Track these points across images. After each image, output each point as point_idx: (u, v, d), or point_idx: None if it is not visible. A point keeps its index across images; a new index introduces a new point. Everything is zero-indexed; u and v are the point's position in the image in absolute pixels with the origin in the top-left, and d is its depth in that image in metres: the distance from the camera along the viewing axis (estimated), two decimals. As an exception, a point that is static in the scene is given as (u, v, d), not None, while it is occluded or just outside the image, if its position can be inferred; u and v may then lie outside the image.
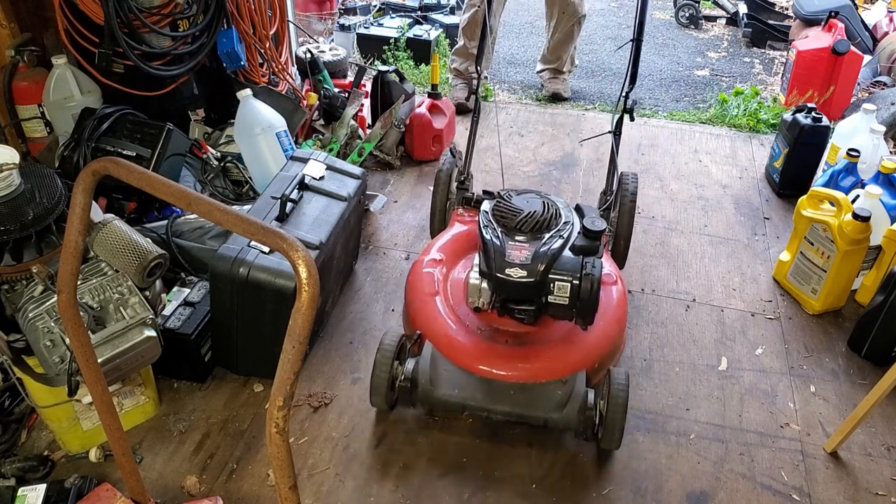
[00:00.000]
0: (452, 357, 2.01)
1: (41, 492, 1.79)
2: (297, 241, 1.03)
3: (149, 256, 1.88)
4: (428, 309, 2.14)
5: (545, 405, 1.94)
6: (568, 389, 1.95)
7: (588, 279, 1.84)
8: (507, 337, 2.08)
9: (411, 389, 1.99)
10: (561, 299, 1.88)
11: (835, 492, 1.98)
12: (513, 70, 4.54)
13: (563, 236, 1.91)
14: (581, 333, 2.04)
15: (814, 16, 4.18)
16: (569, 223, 1.97)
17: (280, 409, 1.06)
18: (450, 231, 2.44)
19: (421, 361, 2.01)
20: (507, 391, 1.96)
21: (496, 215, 1.97)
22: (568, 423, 1.94)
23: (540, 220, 1.92)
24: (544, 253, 1.86)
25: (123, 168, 1.21)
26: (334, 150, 3.14)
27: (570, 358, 2.01)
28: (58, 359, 1.75)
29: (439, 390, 1.97)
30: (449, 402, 1.97)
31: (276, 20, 3.25)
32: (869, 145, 2.80)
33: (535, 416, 1.96)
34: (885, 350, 2.33)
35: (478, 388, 1.97)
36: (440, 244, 2.37)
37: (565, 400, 1.93)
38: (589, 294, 1.85)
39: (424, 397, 1.99)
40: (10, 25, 2.68)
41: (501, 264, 1.86)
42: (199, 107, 3.07)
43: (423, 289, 2.20)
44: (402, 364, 2.02)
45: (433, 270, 2.25)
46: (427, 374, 1.98)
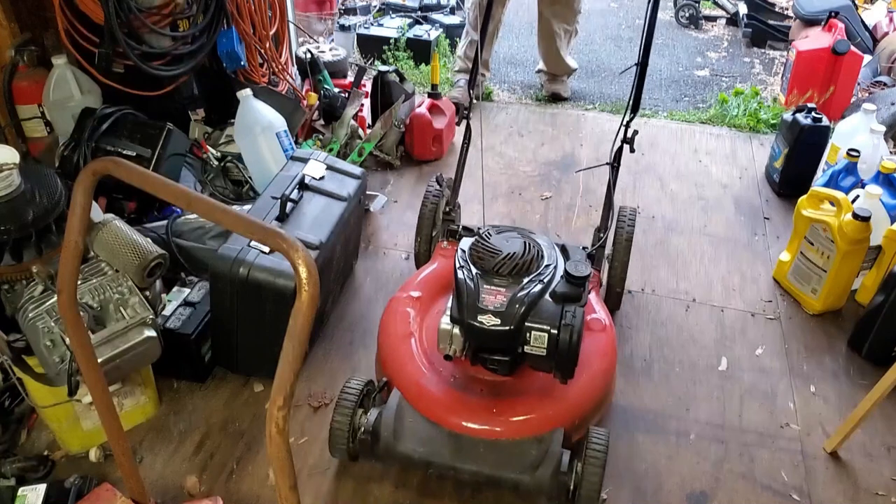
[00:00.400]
0: (420, 407, 1.86)
1: (41, 492, 1.79)
2: (297, 241, 1.03)
3: (149, 256, 1.88)
4: (398, 353, 2.00)
5: (517, 465, 1.78)
6: (543, 449, 1.78)
7: (567, 329, 1.70)
8: (481, 386, 1.92)
9: (372, 443, 1.82)
10: (538, 350, 1.73)
11: (835, 492, 1.98)
12: (513, 70, 4.54)
13: (544, 281, 1.77)
14: (562, 387, 1.86)
15: (814, 16, 4.18)
16: (551, 266, 1.82)
17: (280, 409, 1.06)
18: (430, 266, 2.31)
19: (385, 411, 1.85)
20: (477, 448, 1.80)
21: (473, 255, 1.83)
22: (540, 487, 1.76)
23: (519, 262, 1.79)
24: (521, 299, 1.72)
25: (123, 168, 1.21)
26: (334, 150, 3.14)
27: (548, 413, 1.85)
28: (58, 359, 1.75)
29: (403, 445, 1.81)
30: (412, 458, 1.81)
31: (276, 20, 3.25)
32: (869, 145, 2.80)
33: (505, 478, 1.79)
34: (885, 350, 2.33)
35: (445, 443, 1.81)
36: (419, 280, 2.24)
37: (539, 461, 1.77)
38: (567, 346, 1.70)
39: (386, 451, 1.82)
40: (10, 25, 2.68)
41: (474, 310, 1.73)
42: (199, 107, 3.07)
43: (397, 330, 2.06)
44: (367, 413, 1.87)
45: (409, 309, 2.12)
46: (391, 426, 1.82)
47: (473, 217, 2.98)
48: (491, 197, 3.18)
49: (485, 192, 3.17)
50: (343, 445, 1.85)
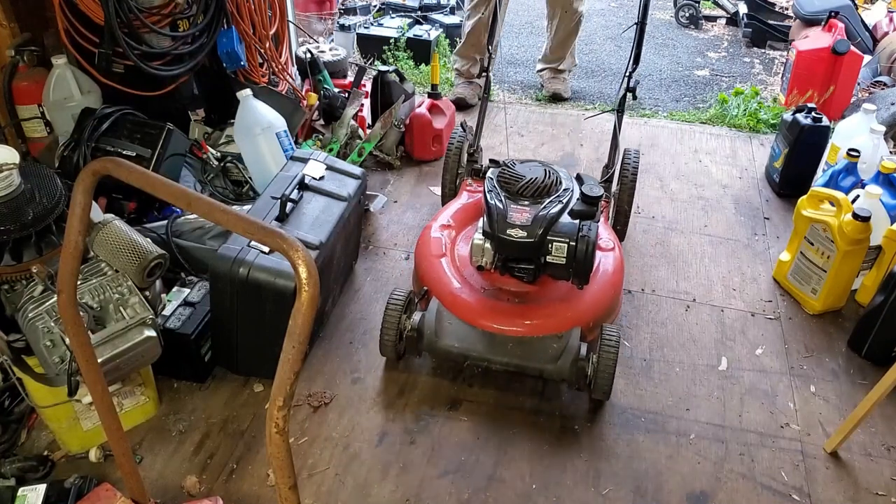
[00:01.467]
0: (457, 312, 2.15)
1: (41, 492, 1.79)
2: (297, 241, 1.03)
3: (149, 256, 1.88)
4: (435, 269, 2.29)
5: (541, 357, 2.07)
6: (563, 344, 2.08)
7: (584, 241, 1.97)
8: (508, 296, 2.22)
9: (417, 339, 2.14)
10: (558, 259, 2.01)
11: (835, 492, 1.98)
12: (513, 70, 4.54)
13: (563, 202, 2.05)
14: (577, 294, 2.18)
15: (814, 16, 4.18)
16: (568, 190, 2.10)
17: (280, 409, 1.06)
18: (459, 200, 2.61)
19: (427, 315, 2.15)
20: (507, 344, 2.10)
21: (500, 181, 2.11)
22: (561, 374, 2.06)
23: (541, 185, 2.06)
24: (543, 216, 2.00)
25: (123, 168, 1.21)
26: (334, 150, 3.14)
27: (566, 315, 2.14)
28: (58, 359, 1.75)
29: (443, 341, 2.11)
30: (451, 352, 2.11)
31: (276, 20, 3.25)
32: (869, 145, 2.80)
33: (531, 367, 2.08)
34: (885, 350, 2.33)
35: (479, 340, 2.11)
36: (450, 211, 2.54)
37: (560, 353, 2.06)
38: (584, 255, 1.98)
39: (429, 347, 2.13)
40: (10, 25, 2.68)
41: (503, 226, 1.99)
42: (199, 107, 3.07)
43: (432, 251, 2.35)
44: (409, 317, 2.17)
45: (441, 235, 2.41)
46: (432, 326, 2.12)
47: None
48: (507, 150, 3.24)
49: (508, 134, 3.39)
50: (391, 343, 2.16)
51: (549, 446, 2.07)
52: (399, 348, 2.19)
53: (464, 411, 2.17)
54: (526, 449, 2.06)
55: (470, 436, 2.10)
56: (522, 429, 2.12)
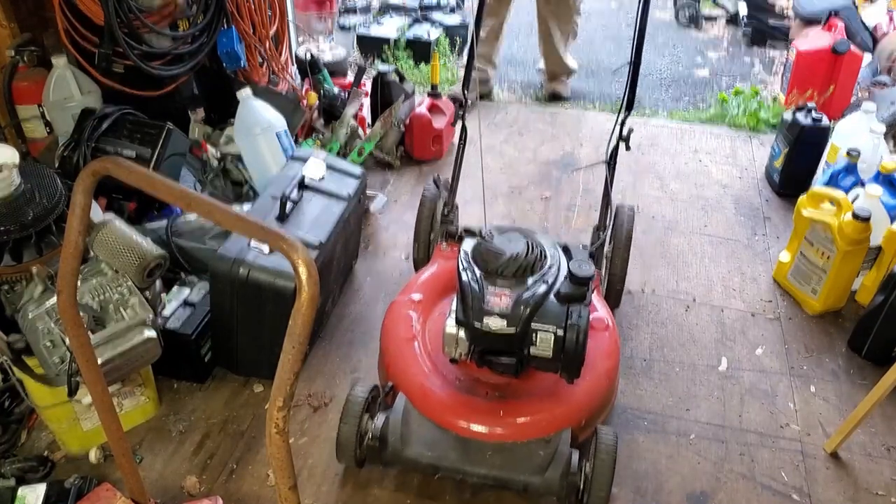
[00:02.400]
0: (426, 411, 1.86)
1: (41, 492, 1.79)
2: (297, 241, 1.03)
3: (149, 256, 1.88)
4: (403, 356, 2.00)
5: (525, 467, 1.79)
6: (551, 450, 1.79)
7: (573, 330, 1.70)
8: (486, 388, 1.92)
9: (380, 448, 1.84)
10: (544, 352, 1.74)
11: (835, 492, 1.98)
12: (513, 70, 4.54)
13: (548, 281, 1.77)
14: (567, 386, 1.87)
15: (814, 16, 4.18)
16: (554, 266, 1.81)
17: (280, 409, 1.06)
18: (430, 268, 2.31)
19: (392, 417, 1.86)
20: (485, 451, 1.81)
21: (476, 257, 1.82)
22: (550, 489, 1.78)
23: (523, 263, 1.77)
24: (526, 300, 1.71)
25: (123, 168, 1.21)
26: (334, 149, 3.14)
27: (555, 414, 1.85)
28: (58, 359, 1.75)
29: (410, 449, 1.82)
30: (420, 462, 1.83)
31: (276, 20, 3.25)
32: (869, 145, 2.80)
33: (514, 480, 1.80)
34: (885, 350, 2.33)
35: (452, 447, 1.82)
36: (419, 283, 2.23)
37: (547, 462, 1.78)
38: (574, 346, 1.71)
39: (394, 457, 1.83)
40: (10, 25, 2.68)
41: (479, 312, 1.72)
42: (199, 107, 3.07)
43: (400, 333, 2.05)
44: (373, 418, 1.87)
45: (412, 313, 2.11)
46: (398, 431, 1.83)
47: (473, 218, 2.98)
48: (491, 196, 3.18)
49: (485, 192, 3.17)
50: (351, 452, 1.85)
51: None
52: (359, 456, 1.87)
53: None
54: (526, 449, 2.05)
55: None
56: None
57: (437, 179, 2.53)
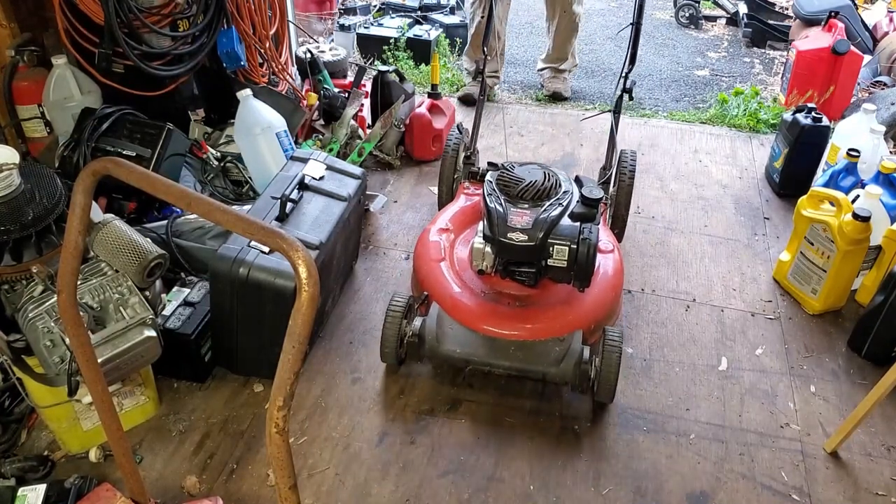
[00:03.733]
0: (457, 317, 2.14)
1: (41, 492, 1.79)
2: (297, 241, 1.03)
3: (149, 256, 1.88)
4: (434, 273, 2.27)
5: (543, 361, 2.06)
6: (565, 347, 2.07)
7: (585, 244, 1.97)
8: (509, 299, 2.21)
9: (419, 345, 2.13)
10: (559, 262, 2.01)
11: (835, 492, 1.98)
12: (513, 70, 4.54)
13: (563, 204, 2.04)
14: (578, 296, 2.17)
15: (814, 16, 4.18)
16: (568, 192, 2.09)
17: (280, 409, 1.06)
18: (456, 203, 2.59)
19: (428, 320, 2.14)
20: (508, 348, 2.09)
21: (500, 184, 2.09)
22: (564, 377, 2.06)
23: (540, 188, 2.05)
24: (544, 219, 1.99)
25: (123, 168, 1.21)
26: (334, 150, 3.14)
27: (567, 318, 2.14)
28: (58, 359, 1.75)
29: (444, 346, 2.10)
30: (453, 357, 2.10)
31: (276, 20, 3.25)
32: (869, 145, 2.80)
33: (534, 371, 2.07)
34: (885, 350, 2.33)
35: (481, 345, 2.10)
36: (447, 215, 2.52)
37: (562, 356, 2.06)
38: (585, 258, 1.97)
39: (431, 352, 2.11)
40: (10, 25, 2.68)
41: (504, 229, 1.98)
42: (199, 107, 3.07)
43: (430, 255, 2.34)
44: (410, 323, 2.16)
45: (440, 238, 2.40)
46: (433, 332, 2.11)
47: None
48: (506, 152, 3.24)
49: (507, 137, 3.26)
50: (392, 349, 2.14)
51: (549, 447, 2.07)
52: (400, 354, 2.18)
53: (463, 412, 2.17)
54: (525, 449, 2.06)
55: (470, 436, 2.10)
56: (522, 429, 2.12)
57: (460, 126, 2.81)
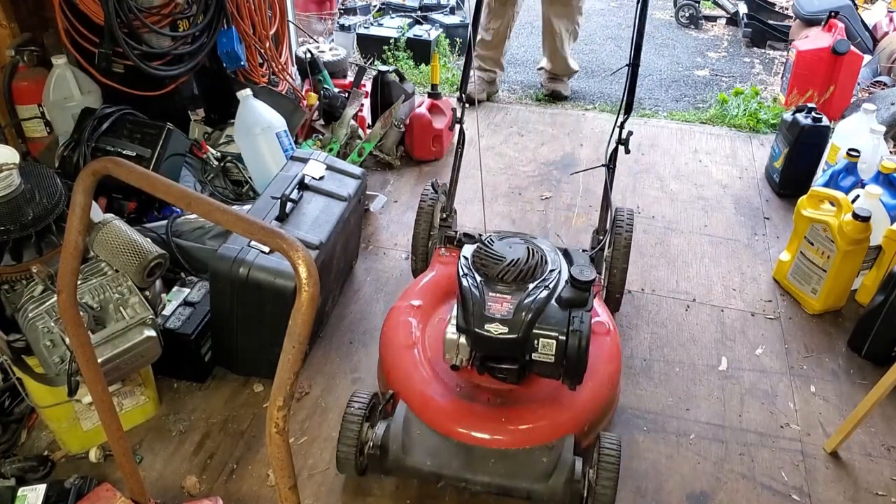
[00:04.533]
0: (427, 418, 1.83)
1: (41, 492, 1.78)
2: (297, 241, 1.03)
3: (149, 256, 1.88)
4: (403, 363, 1.97)
5: (529, 475, 1.76)
6: (554, 457, 1.76)
7: (576, 336, 1.68)
8: (488, 395, 1.89)
9: (381, 457, 1.81)
10: (546, 357, 1.71)
11: (835, 492, 1.98)
12: (513, 70, 4.54)
13: (549, 287, 1.75)
14: (570, 393, 1.84)
15: (814, 16, 4.18)
16: (555, 271, 1.80)
17: (280, 409, 1.06)
18: (430, 273, 2.27)
19: (392, 425, 1.82)
20: (487, 459, 1.78)
21: (476, 263, 1.81)
22: (554, 496, 1.75)
23: (524, 268, 1.76)
24: (528, 306, 1.70)
25: (123, 168, 1.21)
26: (334, 150, 3.14)
27: (558, 420, 1.83)
28: (58, 359, 1.75)
29: (412, 458, 1.79)
30: (422, 471, 1.79)
31: (276, 20, 3.25)
32: (869, 145, 2.80)
33: (517, 488, 1.77)
34: (885, 350, 2.33)
35: (455, 455, 1.79)
36: (419, 288, 2.21)
37: (551, 469, 1.75)
38: (577, 351, 1.68)
39: (396, 465, 1.80)
40: (10, 25, 2.68)
41: (481, 319, 1.70)
42: (199, 107, 3.07)
43: (399, 340, 2.03)
44: (373, 427, 1.84)
45: (411, 319, 2.08)
46: (399, 439, 1.79)
47: (474, 217, 2.99)
48: (491, 197, 3.19)
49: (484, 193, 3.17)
50: (351, 461, 1.82)
51: (549, 446, 2.06)
52: (361, 463, 1.85)
53: None
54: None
55: (470, 436, 2.09)
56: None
57: (435, 184, 2.50)
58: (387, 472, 1.86)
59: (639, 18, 2.18)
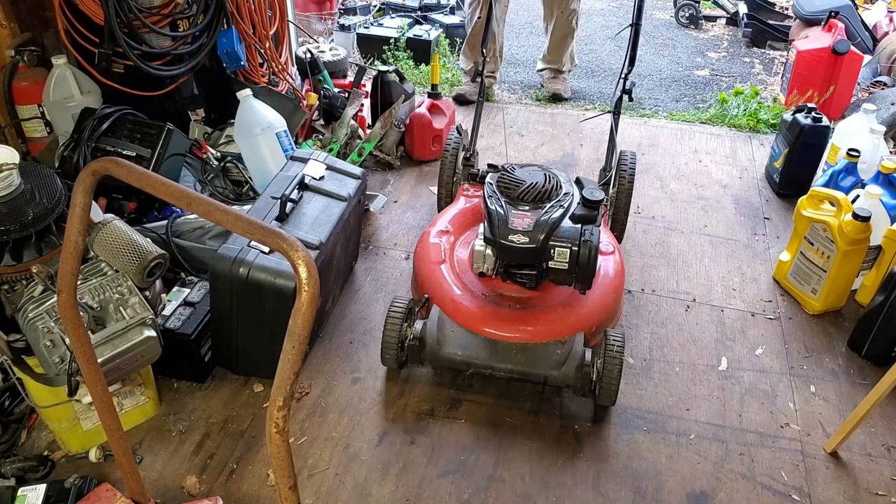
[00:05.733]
0: (458, 320, 2.14)
1: (41, 492, 1.79)
2: (297, 241, 1.03)
3: (149, 256, 1.88)
4: (435, 276, 2.27)
5: (545, 363, 2.05)
6: (566, 349, 2.06)
7: (586, 246, 1.96)
8: (510, 301, 2.20)
9: (419, 348, 2.11)
10: (561, 264, 2.00)
11: (835, 492, 1.98)
12: (513, 70, 4.54)
13: (564, 206, 2.03)
14: (580, 298, 2.16)
15: (814, 16, 4.18)
16: (569, 194, 2.08)
17: (280, 409, 1.06)
18: (456, 205, 2.58)
19: (429, 323, 2.13)
20: (510, 351, 2.08)
21: (500, 186, 2.09)
22: (566, 380, 2.04)
23: (541, 190, 2.05)
24: (545, 221, 1.98)
25: (123, 168, 1.21)
26: (334, 150, 3.14)
27: (569, 321, 2.12)
28: (58, 359, 1.75)
29: (445, 349, 2.09)
30: (454, 359, 2.09)
31: (276, 20, 3.25)
32: (869, 145, 2.80)
33: (535, 374, 2.06)
34: (885, 350, 2.33)
35: (482, 347, 2.09)
36: (447, 217, 2.51)
37: (564, 359, 2.05)
38: (587, 259, 1.96)
39: (431, 355, 2.10)
40: (10, 25, 2.68)
41: (505, 231, 1.98)
42: (199, 107, 3.07)
43: (431, 257, 2.33)
44: (411, 326, 2.14)
45: (440, 241, 2.39)
46: (434, 335, 2.10)
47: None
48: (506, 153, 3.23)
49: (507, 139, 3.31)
50: (393, 353, 2.12)
51: (549, 447, 2.07)
52: (401, 358, 2.16)
53: (463, 412, 2.17)
54: (526, 449, 2.06)
55: (470, 436, 2.09)
56: (522, 429, 2.12)
57: (459, 127, 2.79)
58: (423, 362, 2.17)
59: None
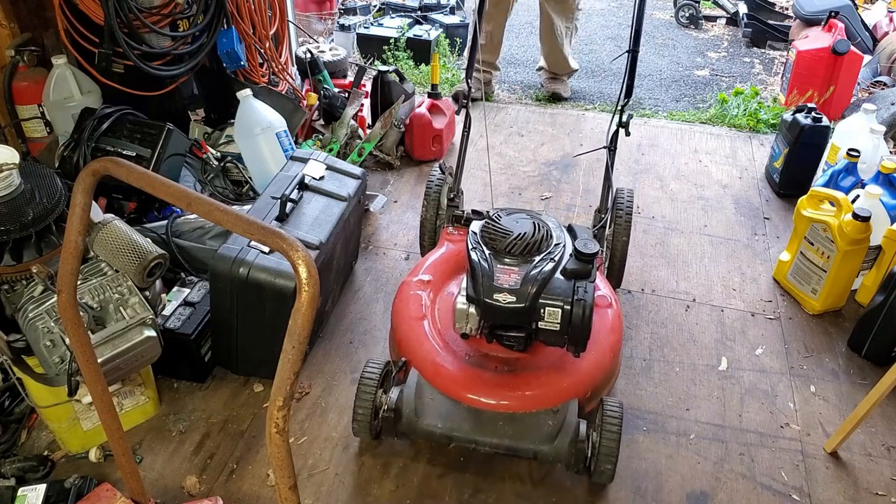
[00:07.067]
0: (438, 385, 1.92)
1: (41, 492, 1.79)
2: (297, 241, 1.03)
3: (149, 256, 1.88)
4: (414, 334, 2.05)
5: (535, 436, 1.85)
6: (559, 419, 1.85)
7: (580, 304, 1.77)
8: (496, 363, 1.98)
9: (395, 420, 1.90)
10: (552, 325, 1.80)
11: (835, 492, 1.98)
12: (513, 70, 4.54)
13: (555, 259, 1.83)
14: (573, 360, 1.94)
15: (814, 16, 4.18)
16: (560, 245, 1.88)
17: (280, 409, 1.06)
18: (438, 250, 2.35)
19: (406, 390, 1.91)
20: (496, 422, 1.87)
21: (485, 237, 1.89)
22: (559, 456, 1.84)
23: (530, 242, 1.84)
24: (534, 277, 1.78)
25: (123, 168, 1.21)
26: (334, 150, 3.14)
27: (562, 385, 1.91)
28: (58, 359, 1.75)
29: (424, 421, 1.88)
30: (434, 433, 1.88)
31: (276, 20, 3.25)
32: (869, 145, 2.80)
33: (524, 449, 1.85)
34: (885, 350, 2.33)
35: (465, 418, 1.88)
36: (428, 264, 2.27)
37: (556, 431, 1.84)
38: (581, 320, 1.77)
39: (409, 428, 1.89)
40: (10, 25, 2.68)
41: (490, 289, 1.78)
42: (199, 107, 3.07)
43: (410, 312, 2.11)
44: (387, 393, 1.94)
45: (421, 293, 2.17)
46: (412, 404, 1.88)
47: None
48: (491, 197, 3.18)
49: (491, 179, 3.19)
50: (366, 424, 1.92)
51: (549, 446, 2.07)
52: (375, 427, 1.95)
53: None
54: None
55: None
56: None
57: (442, 165, 2.60)
58: (400, 435, 1.94)
59: (638, 5, 2.29)
